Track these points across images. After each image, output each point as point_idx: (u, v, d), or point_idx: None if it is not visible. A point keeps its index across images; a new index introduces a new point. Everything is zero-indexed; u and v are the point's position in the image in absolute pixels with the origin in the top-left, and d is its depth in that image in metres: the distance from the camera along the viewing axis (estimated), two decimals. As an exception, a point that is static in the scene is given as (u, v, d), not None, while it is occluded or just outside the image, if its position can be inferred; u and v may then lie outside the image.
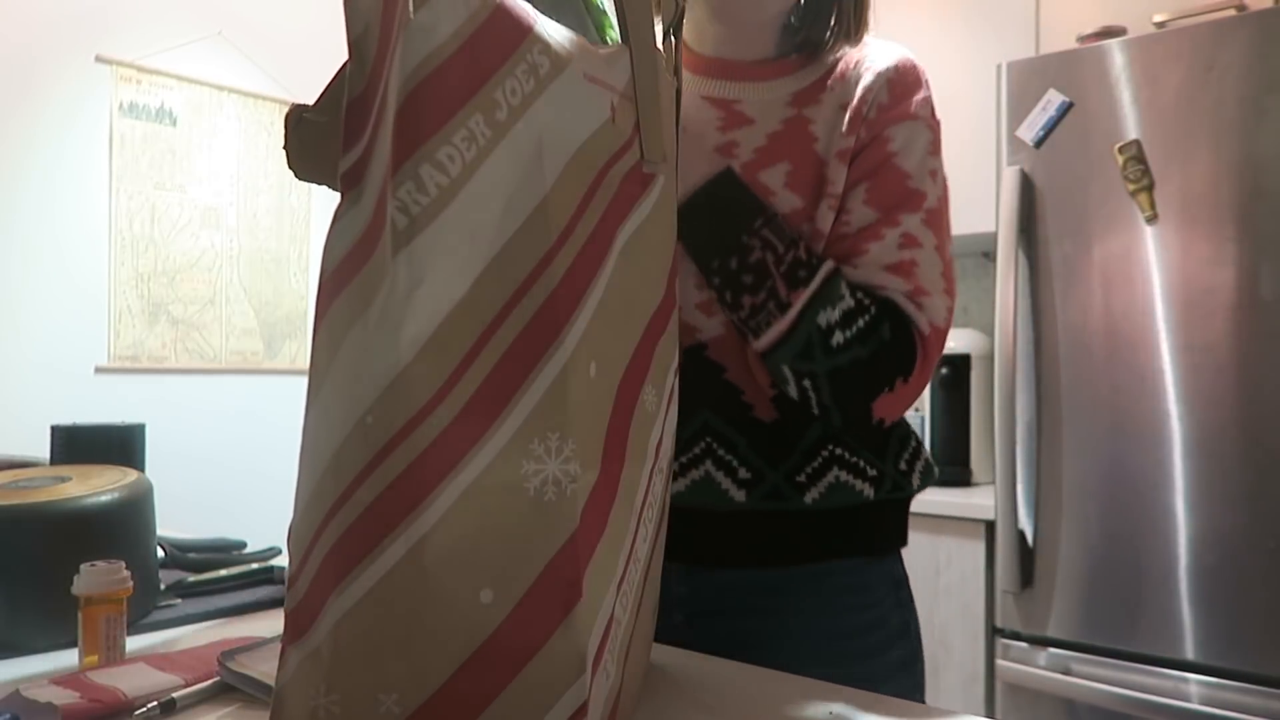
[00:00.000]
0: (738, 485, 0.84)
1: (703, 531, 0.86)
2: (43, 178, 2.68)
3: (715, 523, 0.85)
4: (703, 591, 0.87)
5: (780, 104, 0.84)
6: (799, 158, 0.82)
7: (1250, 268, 1.54)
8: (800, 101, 0.84)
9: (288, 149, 0.54)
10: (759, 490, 0.84)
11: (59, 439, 1.21)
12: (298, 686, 0.42)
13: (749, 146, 0.83)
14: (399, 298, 0.42)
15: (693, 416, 0.85)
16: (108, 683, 0.69)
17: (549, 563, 0.45)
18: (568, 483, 0.46)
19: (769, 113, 0.84)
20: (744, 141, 0.83)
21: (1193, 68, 1.60)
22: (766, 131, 0.83)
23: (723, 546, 0.86)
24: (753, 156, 0.83)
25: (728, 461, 0.84)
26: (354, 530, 0.41)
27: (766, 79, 0.85)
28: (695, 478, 0.84)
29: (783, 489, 0.84)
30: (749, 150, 0.83)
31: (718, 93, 0.86)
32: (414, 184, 0.42)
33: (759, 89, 0.85)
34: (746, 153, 0.83)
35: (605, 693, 0.50)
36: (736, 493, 0.84)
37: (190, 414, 2.96)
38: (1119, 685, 1.64)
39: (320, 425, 0.42)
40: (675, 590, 0.88)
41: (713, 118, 0.85)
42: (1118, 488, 1.65)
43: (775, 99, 0.85)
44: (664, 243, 0.59)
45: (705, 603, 0.87)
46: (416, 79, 0.42)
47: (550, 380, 0.46)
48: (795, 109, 0.84)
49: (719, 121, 0.85)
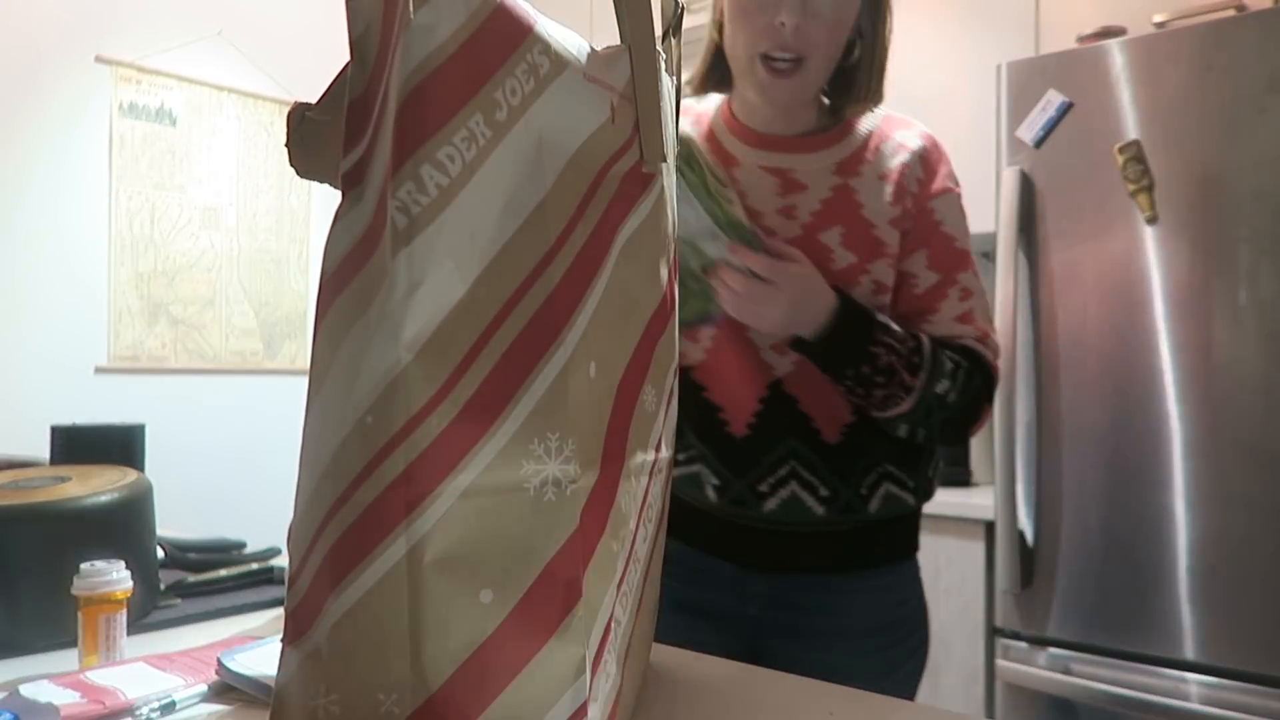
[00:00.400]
0: (819, 502, 1.00)
1: (788, 545, 1.02)
2: (43, 178, 2.68)
3: (798, 538, 1.01)
4: (778, 590, 1.03)
5: (827, 172, 0.99)
6: (850, 221, 0.98)
7: (1250, 268, 1.54)
8: (843, 171, 1.00)
9: (290, 147, 0.54)
10: (835, 505, 1.00)
11: (59, 439, 1.21)
12: (298, 686, 0.42)
13: (806, 210, 0.98)
14: (399, 298, 0.42)
15: (779, 443, 1.00)
16: (107, 683, 0.69)
17: (549, 563, 0.45)
18: (567, 483, 0.46)
19: (818, 180, 0.99)
20: (801, 205, 0.98)
21: (1192, 68, 1.60)
22: (819, 198, 0.99)
23: (807, 557, 1.02)
24: (810, 219, 0.98)
25: (809, 481, 1.00)
26: (354, 530, 0.41)
27: (813, 150, 1.01)
28: (784, 496, 1.00)
29: (853, 503, 1.01)
30: (806, 213, 0.98)
31: (773, 163, 1.00)
32: (414, 184, 0.42)
33: (807, 159, 1.00)
34: (804, 215, 0.98)
35: (606, 693, 0.50)
36: (818, 508, 1.00)
37: (190, 414, 2.96)
38: (1119, 685, 1.64)
39: (320, 425, 0.42)
40: (755, 587, 1.04)
41: (771, 184, 0.99)
42: (1117, 488, 1.65)
43: (822, 167, 1.00)
44: (663, 243, 0.59)
45: (777, 599, 1.03)
46: (417, 79, 0.42)
47: (550, 381, 0.46)
48: (841, 178, 0.99)
49: (777, 188, 0.99)
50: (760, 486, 1.00)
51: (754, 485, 1.01)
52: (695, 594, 1.06)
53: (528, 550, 0.44)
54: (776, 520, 1.00)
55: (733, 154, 1.02)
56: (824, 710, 0.77)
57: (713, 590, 1.06)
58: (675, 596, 1.07)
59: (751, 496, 1.01)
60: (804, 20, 0.92)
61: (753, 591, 1.04)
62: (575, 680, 0.46)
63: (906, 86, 2.22)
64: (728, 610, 1.05)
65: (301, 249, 3.26)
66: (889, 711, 0.78)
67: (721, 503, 1.02)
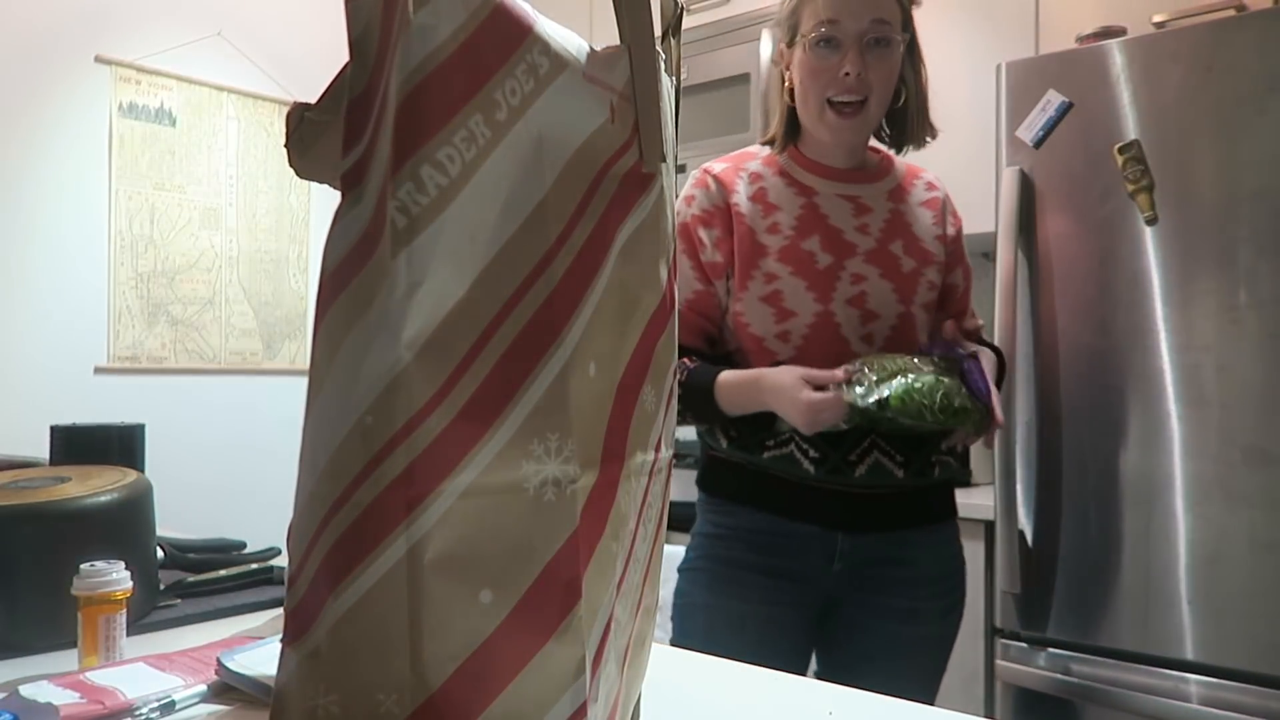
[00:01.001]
0: (897, 466, 1.22)
1: (870, 506, 1.24)
2: (43, 178, 2.68)
3: (879, 500, 1.24)
4: (860, 548, 1.25)
5: (883, 197, 1.30)
6: (906, 237, 1.28)
7: (1250, 268, 1.54)
8: (894, 198, 1.30)
9: (289, 147, 0.54)
10: (912, 468, 1.23)
11: (58, 439, 1.21)
12: (297, 687, 0.42)
13: (875, 227, 1.27)
14: (399, 298, 0.42)
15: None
16: (107, 683, 0.69)
17: (548, 563, 0.45)
18: (567, 483, 0.46)
19: (879, 204, 1.29)
20: (871, 223, 1.27)
21: (1192, 68, 1.60)
22: (882, 218, 1.28)
23: (885, 516, 1.25)
24: (880, 234, 1.27)
25: (888, 449, 1.22)
26: (354, 530, 0.41)
27: (871, 181, 1.31)
28: (870, 462, 1.22)
29: (924, 469, 1.24)
30: (876, 229, 1.27)
31: (845, 191, 1.29)
32: (414, 184, 0.42)
33: (869, 188, 1.30)
34: (875, 230, 1.27)
35: (606, 693, 0.50)
36: (897, 471, 1.22)
37: (190, 414, 2.96)
38: (1118, 685, 1.64)
39: (320, 425, 0.42)
40: (841, 546, 1.24)
41: (847, 207, 1.28)
42: (1117, 488, 1.65)
43: (880, 193, 1.30)
44: (663, 243, 0.59)
45: (860, 556, 1.25)
46: (416, 79, 0.42)
47: (550, 381, 0.46)
48: (893, 203, 1.30)
49: (852, 209, 1.28)
50: (850, 456, 1.21)
51: (845, 456, 1.21)
52: (783, 561, 1.25)
53: (527, 550, 0.44)
54: (866, 484, 1.22)
55: (810, 186, 1.28)
56: (824, 710, 0.77)
57: (798, 555, 1.25)
58: (761, 563, 1.26)
59: (845, 465, 1.21)
60: (863, 70, 1.20)
61: (838, 551, 1.24)
62: (575, 680, 0.46)
63: (906, 86, 2.22)
64: (812, 571, 1.25)
65: (301, 249, 3.26)
66: (889, 711, 0.78)
67: (819, 473, 1.22)
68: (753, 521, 1.26)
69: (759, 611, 1.24)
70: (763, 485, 1.25)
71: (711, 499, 1.32)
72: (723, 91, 2.84)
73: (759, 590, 1.25)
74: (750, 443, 1.25)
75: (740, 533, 1.27)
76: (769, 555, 1.25)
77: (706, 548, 1.30)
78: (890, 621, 1.26)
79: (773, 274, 1.23)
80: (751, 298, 1.24)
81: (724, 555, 1.27)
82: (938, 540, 1.30)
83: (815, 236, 1.24)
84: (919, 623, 1.27)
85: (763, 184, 1.28)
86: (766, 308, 1.23)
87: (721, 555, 1.27)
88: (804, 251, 1.24)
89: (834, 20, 1.19)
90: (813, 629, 1.29)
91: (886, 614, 1.26)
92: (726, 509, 1.29)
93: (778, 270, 1.23)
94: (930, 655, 1.30)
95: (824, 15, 1.19)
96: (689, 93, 3.02)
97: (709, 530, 1.30)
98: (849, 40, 1.19)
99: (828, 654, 1.32)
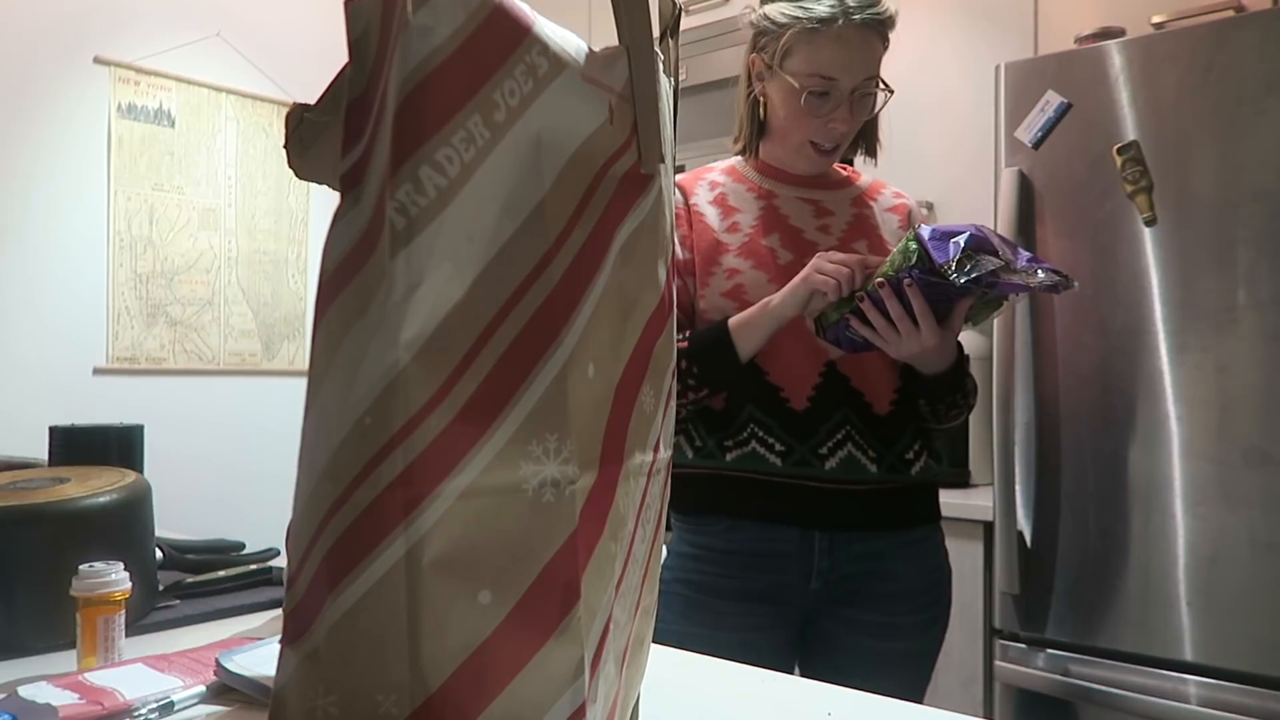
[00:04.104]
0: (870, 461, 1.21)
1: (846, 503, 1.21)
2: (41, 179, 2.68)
3: (855, 497, 1.21)
4: (839, 559, 1.22)
5: (847, 203, 1.32)
6: (872, 238, 1.29)
7: (1249, 268, 1.54)
8: (858, 204, 1.32)
9: (288, 148, 0.54)
10: (884, 464, 1.22)
11: (57, 440, 1.21)
12: (296, 687, 0.42)
13: (837, 228, 1.29)
14: (398, 299, 0.42)
15: (835, 413, 1.22)
16: (106, 684, 0.69)
17: (547, 564, 0.45)
18: (566, 484, 0.46)
19: (842, 208, 1.31)
20: (833, 225, 1.29)
21: (1191, 69, 1.60)
22: (845, 221, 1.30)
23: (862, 514, 1.22)
24: (842, 234, 1.28)
25: (861, 444, 1.21)
26: (352, 531, 0.41)
27: (834, 189, 1.33)
28: (842, 456, 1.21)
29: (898, 465, 1.23)
30: (838, 230, 1.29)
31: (806, 195, 1.31)
32: (412, 185, 0.42)
33: (831, 194, 1.32)
34: (837, 231, 1.28)
35: (605, 693, 0.50)
36: (870, 466, 1.21)
37: (189, 415, 2.96)
38: (1118, 686, 1.64)
39: (319, 426, 0.42)
40: (818, 563, 1.22)
41: (809, 209, 1.30)
42: (1116, 489, 1.66)
43: (843, 200, 1.32)
44: (662, 243, 0.59)
45: (839, 570, 1.22)
46: (415, 80, 0.42)
47: (548, 381, 0.46)
48: (857, 209, 1.32)
49: (813, 211, 1.30)
50: (821, 450, 1.20)
51: (815, 449, 1.20)
52: (759, 583, 1.22)
53: (526, 551, 0.44)
54: (837, 478, 1.20)
55: (772, 190, 1.31)
56: (823, 711, 0.77)
57: (776, 573, 1.22)
58: (736, 588, 1.22)
59: (814, 458, 1.20)
60: (849, 126, 1.25)
61: (815, 569, 1.22)
62: (574, 681, 0.46)
63: (906, 88, 2.22)
64: (789, 591, 1.23)
65: (300, 250, 3.26)
66: (888, 711, 0.78)
67: (786, 466, 1.20)
68: (728, 539, 1.23)
69: (733, 640, 1.20)
70: (732, 490, 1.23)
71: (684, 516, 1.28)
72: (721, 92, 2.84)
73: (734, 618, 1.22)
74: (713, 447, 1.24)
75: (715, 554, 1.24)
76: (745, 576, 1.22)
77: (681, 568, 1.26)
78: (865, 638, 1.24)
79: (734, 269, 1.24)
80: (714, 294, 1.24)
81: (698, 580, 1.24)
82: (920, 550, 1.27)
83: (775, 234, 1.26)
84: (896, 638, 1.24)
85: (723, 189, 1.31)
86: (729, 302, 1.23)
87: (695, 580, 1.24)
88: (764, 247, 1.25)
89: (833, 78, 1.20)
90: (791, 648, 1.27)
91: (861, 630, 1.24)
92: (699, 524, 1.26)
93: (739, 265, 1.24)
94: (909, 670, 1.26)
95: (824, 71, 1.20)
96: (687, 93, 3.02)
97: (683, 549, 1.27)
98: (842, 95, 1.22)
99: (808, 667, 1.29)
